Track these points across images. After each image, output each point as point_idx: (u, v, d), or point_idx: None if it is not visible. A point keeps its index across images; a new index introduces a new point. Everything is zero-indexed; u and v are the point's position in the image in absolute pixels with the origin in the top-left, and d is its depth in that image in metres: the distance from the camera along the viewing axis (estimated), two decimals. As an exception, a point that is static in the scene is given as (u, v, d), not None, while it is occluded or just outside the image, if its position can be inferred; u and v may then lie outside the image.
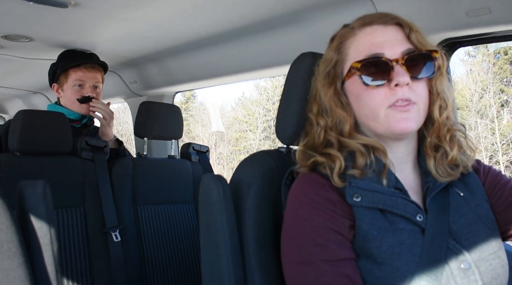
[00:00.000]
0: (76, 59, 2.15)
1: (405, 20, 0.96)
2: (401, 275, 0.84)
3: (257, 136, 19.84)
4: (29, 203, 0.77)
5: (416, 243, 0.87)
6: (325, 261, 0.85)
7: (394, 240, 0.86)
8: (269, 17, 1.82)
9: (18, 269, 0.70)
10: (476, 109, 17.27)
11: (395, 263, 0.85)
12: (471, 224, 0.92)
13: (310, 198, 0.91)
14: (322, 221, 0.88)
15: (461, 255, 0.88)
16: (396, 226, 0.88)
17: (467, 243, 0.90)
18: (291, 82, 1.16)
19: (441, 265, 0.86)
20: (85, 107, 2.17)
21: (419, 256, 0.86)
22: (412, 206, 0.90)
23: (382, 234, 0.87)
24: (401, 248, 0.86)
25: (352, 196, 0.89)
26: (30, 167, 1.85)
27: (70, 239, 1.87)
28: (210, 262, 1.05)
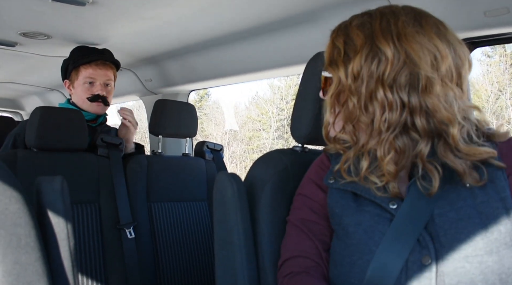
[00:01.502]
0: (87, 56, 2.11)
1: (342, 31, 0.93)
2: (349, 253, 0.89)
3: (270, 136, 19.82)
4: (47, 198, 0.78)
5: (377, 227, 0.88)
6: (298, 220, 1.01)
7: (353, 219, 0.91)
8: (285, 16, 1.82)
9: (35, 263, 0.71)
10: (492, 110, 17.07)
11: (349, 241, 0.90)
12: (460, 220, 0.84)
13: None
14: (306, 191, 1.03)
15: (426, 250, 0.84)
16: (361, 208, 0.92)
17: (444, 239, 0.84)
18: (307, 81, 1.16)
19: (399, 255, 0.84)
20: (95, 106, 2.13)
21: (380, 241, 0.86)
22: (385, 193, 0.90)
23: (343, 212, 0.93)
24: (357, 227, 0.90)
25: (328, 178, 0.99)
26: (47, 162, 1.87)
27: (85, 235, 1.89)
28: (224, 259, 1.05)
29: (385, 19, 0.87)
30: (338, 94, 0.90)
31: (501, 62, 17.97)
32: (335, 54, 0.91)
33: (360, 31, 0.88)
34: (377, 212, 0.90)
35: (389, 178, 0.87)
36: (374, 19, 0.88)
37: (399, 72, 0.83)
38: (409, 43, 0.84)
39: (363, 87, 0.85)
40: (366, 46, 0.85)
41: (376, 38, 0.85)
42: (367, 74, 0.85)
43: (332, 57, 0.92)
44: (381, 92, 0.84)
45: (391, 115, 0.84)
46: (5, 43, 2.31)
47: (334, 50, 0.91)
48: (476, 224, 0.83)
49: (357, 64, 0.86)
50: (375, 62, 0.84)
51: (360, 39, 0.87)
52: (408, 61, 0.83)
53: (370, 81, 0.85)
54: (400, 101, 0.84)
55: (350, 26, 0.90)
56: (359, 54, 0.86)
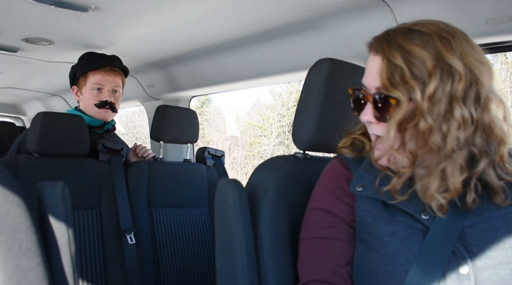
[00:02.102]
0: (96, 62, 2.10)
1: (397, 49, 0.88)
2: (385, 263, 0.89)
3: (271, 142, 19.81)
4: (48, 203, 0.78)
5: (413, 238, 0.89)
6: (314, 239, 0.98)
7: (387, 229, 0.91)
8: (287, 22, 1.82)
9: (36, 268, 0.70)
10: (493, 117, 17.05)
11: (383, 251, 0.90)
12: (489, 231, 0.88)
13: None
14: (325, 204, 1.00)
15: (462, 260, 0.86)
16: (394, 217, 0.92)
17: (476, 249, 0.87)
18: (309, 88, 1.16)
19: (437, 266, 0.86)
20: (102, 112, 2.12)
21: (417, 253, 0.87)
22: (416, 203, 0.91)
23: (376, 221, 0.92)
24: (392, 237, 0.90)
25: (355, 185, 0.97)
26: (48, 168, 1.87)
27: (86, 240, 1.89)
28: (225, 265, 1.05)
29: (444, 38, 0.86)
30: (406, 117, 0.87)
31: (502, 70, 17.96)
32: (397, 75, 0.87)
33: (425, 50, 0.86)
34: (410, 223, 0.91)
35: (454, 194, 0.87)
36: (433, 39, 0.87)
37: (469, 89, 0.84)
38: (470, 61, 0.85)
39: (440, 107, 0.84)
40: (438, 66, 0.84)
41: (446, 57, 0.85)
42: (443, 94, 0.84)
43: (393, 77, 0.87)
44: (458, 111, 0.84)
45: (463, 133, 0.85)
46: (8, 48, 2.32)
47: (394, 70, 0.87)
48: (504, 233, 0.88)
49: (433, 85, 0.84)
50: (449, 81, 0.84)
51: (430, 59, 0.85)
52: (473, 79, 0.85)
53: (446, 101, 0.84)
54: (471, 118, 0.85)
55: (409, 45, 0.87)
56: (433, 75, 0.84)
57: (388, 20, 1.55)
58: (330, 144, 1.18)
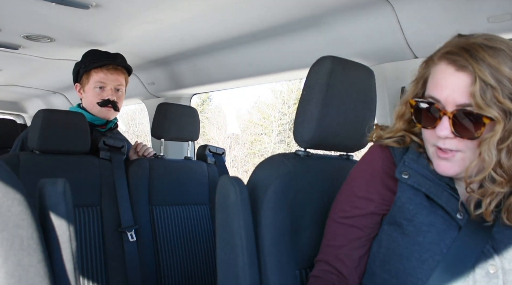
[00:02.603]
0: (99, 60, 2.10)
1: (487, 68, 0.86)
2: (420, 250, 0.93)
3: (272, 140, 19.81)
4: (49, 200, 0.78)
5: (448, 232, 0.94)
6: (337, 222, 1.04)
7: (427, 219, 0.95)
8: (288, 20, 1.82)
9: (37, 265, 0.71)
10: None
11: (419, 239, 0.94)
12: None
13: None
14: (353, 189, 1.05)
15: (491, 260, 0.91)
16: (434, 210, 0.96)
17: (505, 252, 0.91)
18: (310, 86, 1.16)
19: (466, 264, 0.90)
20: (104, 111, 2.13)
21: (448, 248, 0.92)
22: (456, 203, 0.96)
23: (417, 210, 0.96)
24: (430, 228, 0.94)
25: (401, 172, 0.99)
26: (49, 165, 1.87)
27: (86, 238, 1.89)
28: (226, 263, 1.05)
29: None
30: (503, 136, 0.88)
31: (504, 68, 17.92)
32: (488, 93, 0.86)
33: (509, 69, 0.86)
34: (448, 219, 0.96)
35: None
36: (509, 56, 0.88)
37: None
38: None
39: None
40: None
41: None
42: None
43: (485, 96, 0.86)
44: None
45: None
46: (9, 46, 2.32)
47: (486, 89, 0.86)
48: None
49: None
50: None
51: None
52: None
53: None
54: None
55: (498, 63, 0.86)
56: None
57: (389, 19, 1.55)
58: (331, 141, 1.18)
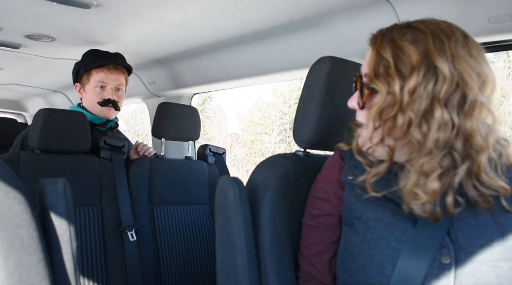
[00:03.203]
0: (99, 60, 2.10)
1: (388, 43, 0.90)
2: (368, 247, 0.92)
3: (273, 139, 19.81)
4: (50, 200, 0.78)
5: (399, 224, 0.91)
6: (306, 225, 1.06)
7: (374, 214, 0.94)
8: (289, 20, 1.82)
9: (38, 265, 0.71)
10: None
11: (367, 235, 0.93)
12: (478, 226, 0.89)
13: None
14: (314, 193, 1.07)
15: (446, 249, 0.88)
16: (382, 203, 0.94)
17: (462, 242, 0.88)
18: (310, 86, 1.16)
19: (425, 255, 0.87)
20: (105, 110, 2.13)
21: (401, 240, 0.89)
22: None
23: (364, 207, 0.96)
24: (377, 223, 0.93)
25: (347, 174, 1.01)
26: (49, 164, 1.87)
27: (87, 237, 1.89)
28: (226, 263, 1.05)
29: (438, 39, 0.87)
30: (385, 108, 0.89)
31: (505, 68, 17.92)
32: (381, 66, 0.89)
33: (414, 47, 0.87)
34: (397, 210, 0.93)
35: (431, 196, 0.87)
36: (427, 37, 0.88)
37: (453, 93, 0.84)
38: (462, 65, 0.85)
39: (420, 104, 0.85)
40: (423, 64, 0.85)
41: (433, 57, 0.85)
42: (424, 92, 0.85)
43: (378, 69, 0.90)
44: (439, 111, 0.84)
45: (444, 135, 0.85)
46: (10, 45, 2.32)
47: (380, 62, 0.90)
48: (493, 231, 0.88)
49: (413, 81, 0.85)
50: (432, 81, 0.85)
51: (415, 56, 0.86)
52: (461, 83, 0.84)
53: (426, 100, 0.85)
54: (452, 122, 0.85)
55: (400, 39, 0.89)
56: (416, 71, 0.85)
57: (390, 18, 1.55)
58: (331, 142, 1.18)
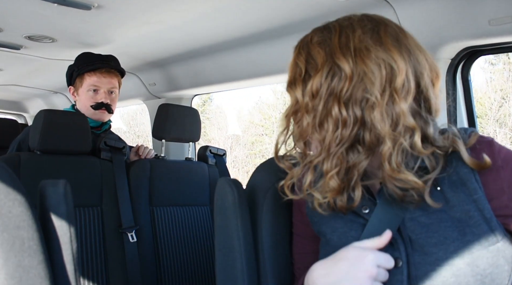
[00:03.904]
0: (92, 63, 2.10)
1: (304, 46, 0.91)
2: None
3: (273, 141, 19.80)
4: (50, 201, 0.78)
5: (351, 233, 0.91)
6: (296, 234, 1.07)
7: (328, 226, 0.95)
8: (289, 22, 1.82)
9: (38, 266, 0.71)
10: (495, 118, 17.03)
11: (327, 247, 0.94)
12: (431, 224, 0.85)
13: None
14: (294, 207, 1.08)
15: (397, 252, 0.85)
16: (336, 214, 0.93)
17: (415, 243, 0.85)
18: (310, 88, 1.16)
19: None
20: (98, 114, 2.13)
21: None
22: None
23: (320, 219, 0.96)
24: (332, 234, 0.94)
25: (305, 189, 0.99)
26: (50, 165, 1.87)
27: (87, 238, 1.89)
28: (224, 265, 1.05)
29: (344, 34, 0.86)
30: (294, 113, 0.89)
31: (505, 70, 17.92)
32: (296, 74, 0.89)
33: (320, 48, 0.86)
34: (351, 218, 0.92)
35: (332, 194, 0.86)
36: (333, 35, 0.86)
37: (357, 87, 0.82)
38: (365, 58, 0.82)
39: (320, 105, 0.84)
40: (326, 64, 0.84)
41: (335, 56, 0.83)
42: (326, 92, 0.83)
43: (294, 77, 0.90)
44: (336, 109, 0.82)
45: (344, 132, 0.83)
46: (10, 46, 2.32)
47: (296, 70, 0.89)
48: (448, 227, 0.84)
49: (316, 82, 0.84)
50: (335, 80, 0.83)
51: (321, 57, 0.85)
52: (364, 76, 0.82)
53: (328, 99, 0.83)
54: (354, 117, 0.82)
55: (311, 43, 0.89)
56: (319, 72, 0.84)
57: (390, 21, 1.55)
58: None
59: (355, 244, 0.86)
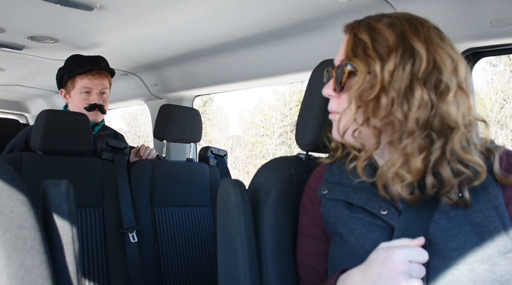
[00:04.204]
0: (82, 66, 2.13)
1: (364, 27, 0.91)
2: (345, 260, 0.92)
3: (274, 141, 19.82)
4: (52, 201, 0.78)
5: (368, 235, 0.91)
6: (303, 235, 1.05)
7: (346, 227, 0.94)
8: (290, 23, 1.82)
9: (40, 266, 0.71)
10: (496, 119, 17.02)
11: (343, 249, 0.94)
12: (451, 228, 0.86)
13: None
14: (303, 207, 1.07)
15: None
16: (354, 215, 0.94)
17: (434, 247, 0.85)
18: (312, 89, 1.16)
19: None
20: (92, 115, 2.15)
21: (371, 249, 0.87)
22: (376, 199, 0.92)
23: (337, 220, 0.96)
24: (349, 235, 0.93)
25: (321, 189, 1.01)
26: (51, 165, 1.88)
27: (88, 238, 1.89)
28: (227, 265, 1.05)
29: (413, 24, 0.88)
30: (365, 88, 0.87)
31: (506, 71, 17.92)
32: (360, 47, 0.89)
33: (391, 30, 0.88)
34: (368, 220, 0.92)
35: (416, 175, 0.86)
36: (401, 22, 0.89)
37: (430, 74, 0.85)
38: (436, 49, 0.86)
39: (401, 84, 0.85)
40: (400, 45, 0.86)
41: (410, 39, 0.86)
42: (403, 72, 0.85)
43: (356, 50, 0.89)
44: (419, 91, 0.84)
45: (423, 114, 0.84)
46: (13, 46, 2.33)
47: (358, 43, 0.89)
48: (468, 232, 0.85)
49: (392, 61, 0.85)
50: (410, 61, 0.85)
51: (392, 38, 0.86)
52: (435, 65, 0.85)
53: (406, 79, 0.85)
54: (431, 101, 0.84)
55: (377, 24, 0.90)
56: (393, 51, 0.85)
57: (392, 22, 1.56)
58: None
59: (383, 244, 0.85)
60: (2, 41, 2.25)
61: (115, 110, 2.21)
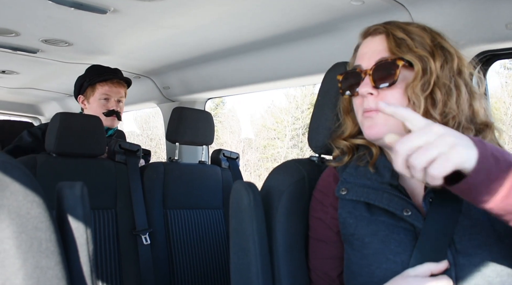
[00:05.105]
0: (103, 74, 2.26)
1: (397, 28, 0.94)
2: (368, 264, 0.91)
3: (285, 144, 19.79)
4: (67, 203, 0.79)
5: (393, 237, 0.90)
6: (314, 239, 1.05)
7: (368, 229, 0.93)
8: (303, 26, 1.82)
9: (55, 267, 0.71)
10: (510, 123, 16.83)
11: (365, 252, 0.92)
12: (473, 227, 0.87)
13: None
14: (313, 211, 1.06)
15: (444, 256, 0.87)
16: (376, 217, 0.93)
17: (459, 246, 0.86)
18: (325, 91, 1.16)
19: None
20: (109, 120, 2.26)
21: (398, 250, 0.88)
22: (398, 201, 0.91)
23: (357, 222, 0.95)
24: (372, 238, 0.92)
25: (340, 189, 1.00)
26: (65, 168, 1.89)
27: (101, 240, 1.91)
28: (239, 268, 1.05)
29: (434, 32, 0.95)
30: (422, 83, 0.90)
31: (520, 74, 17.69)
32: (404, 45, 0.92)
33: (423, 32, 0.93)
34: (392, 222, 0.92)
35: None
36: (426, 28, 0.95)
37: (461, 72, 0.93)
38: (458, 55, 0.94)
39: (448, 79, 0.90)
40: (436, 45, 0.92)
41: (441, 41, 0.93)
42: (447, 68, 0.91)
43: (401, 46, 0.92)
44: (463, 87, 0.90)
45: (467, 109, 0.90)
46: (27, 49, 2.35)
47: (400, 41, 0.92)
48: (488, 229, 0.86)
49: (439, 57, 0.90)
50: (449, 59, 0.91)
51: (428, 38, 0.92)
52: (460, 69, 0.92)
53: (454, 75, 0.91)
54: (468, 98, 0.91)
55: (408, 26, 0.94)
56: (435, 50, 0.91)
57: (405, 24, 1.55)
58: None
59: (409, 272, 0.85)
60: (17, 44, 2.27)
61: (128, 113, 2.23)
